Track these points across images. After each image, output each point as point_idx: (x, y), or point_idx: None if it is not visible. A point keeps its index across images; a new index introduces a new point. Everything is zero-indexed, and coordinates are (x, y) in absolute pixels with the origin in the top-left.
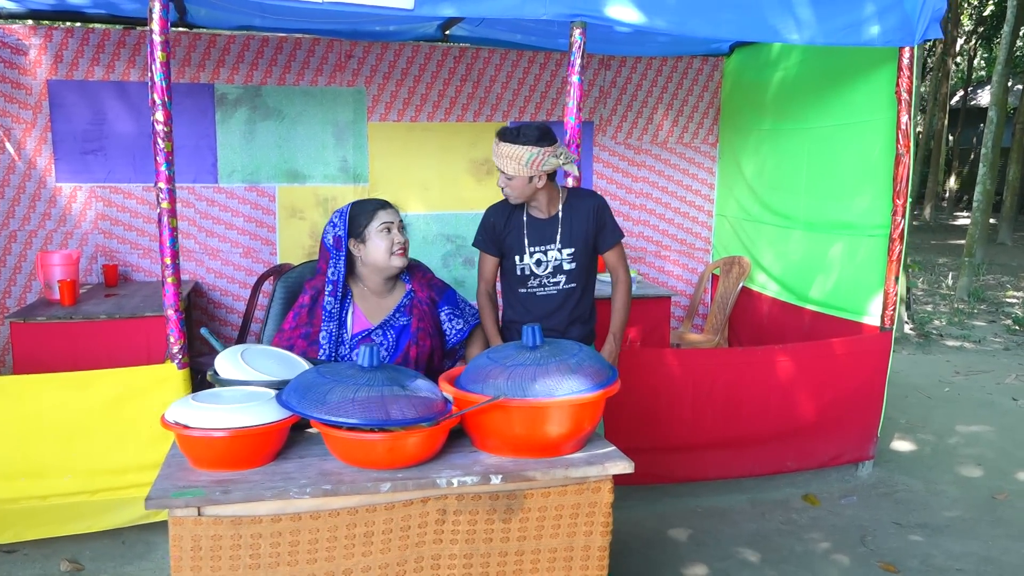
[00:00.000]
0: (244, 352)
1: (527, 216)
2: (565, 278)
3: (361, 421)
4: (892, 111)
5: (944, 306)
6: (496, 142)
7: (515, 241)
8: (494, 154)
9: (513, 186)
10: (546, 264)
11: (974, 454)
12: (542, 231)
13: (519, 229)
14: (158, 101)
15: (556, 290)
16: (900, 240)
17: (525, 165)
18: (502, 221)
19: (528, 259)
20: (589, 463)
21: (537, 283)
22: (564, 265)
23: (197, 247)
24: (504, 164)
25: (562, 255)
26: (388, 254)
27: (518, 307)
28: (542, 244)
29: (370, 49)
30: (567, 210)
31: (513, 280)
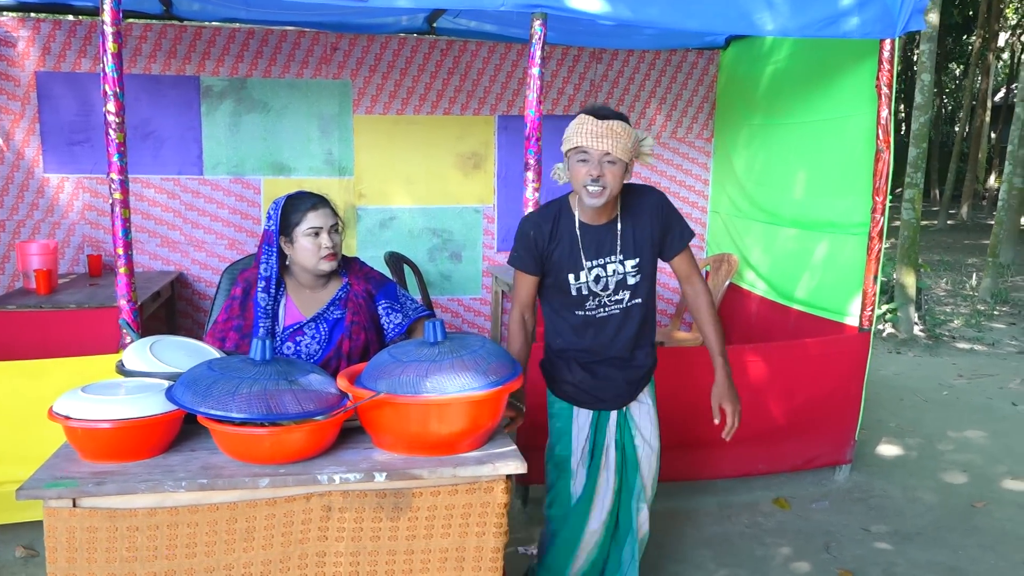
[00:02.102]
0: (154, 344)
1: (579, 224)
2: (630, 294)
3: (242, 415)
4: (873, 106)
5: (965, 307)
6: (591, 120)
7: (567, 255)
8: (586, 135)
9: (614, 174)
10: (606, 280)
11: (961, 460)
12: (599, 241)
13: (571, 240)
14: (109, 92)
15: (619, 309)
16: (879, 238)
17: (630, 147)
18: (547, 231)
19: (586, 276)
20: (480, 462)
21: (596, 303)
22: (628, 279)
23: (182, 238)
24: (609, 144)
25: (625, 267)
26: (315, 259)
27: (569, 334)
28: (600, 256)
29: (356, 42)
30: (626, 212)
31: (564, 302)
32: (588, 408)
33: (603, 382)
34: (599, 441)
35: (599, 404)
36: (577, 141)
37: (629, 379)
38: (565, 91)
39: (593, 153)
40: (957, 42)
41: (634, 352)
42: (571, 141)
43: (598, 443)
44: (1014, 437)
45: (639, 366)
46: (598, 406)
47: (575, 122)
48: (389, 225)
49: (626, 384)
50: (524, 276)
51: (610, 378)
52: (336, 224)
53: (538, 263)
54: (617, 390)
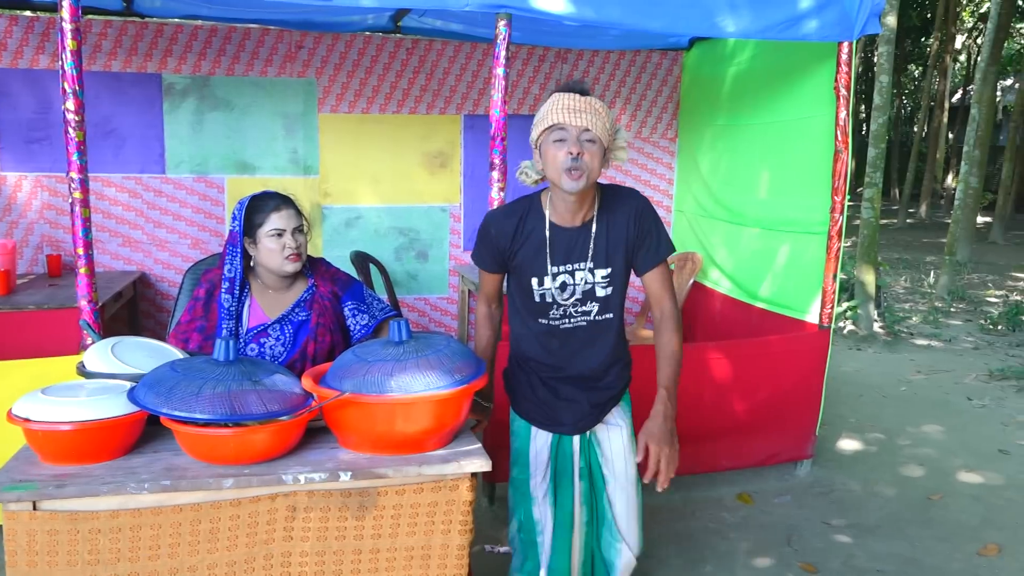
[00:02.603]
0: (115, 345)
1: (549, 224)
2: (599, 307)
3: (206, 416)
4: (833, 107)
5: (923, 304)
6: (568, 95)
7: (531, 258)
8: (563, 110)
9: (593, 155)
10: (573, 289)
11: (918, 454)
12: (569, 245)
13: (538, 242)
14: (69, 90)
15: (586, 322)
16: (838, 238)
17: (608, 128)
18: (508, 230)
19: (550, 282)
20: (445, 460)
21: (561, 313)
22: (598, 290)
23: (144, 238)
24: (589, 119)
25: (595, 277)
26: (279, 260)
27: (534, 343)
28: (569, 262)
29: (321, 40)
30: (603, 215)
31: (527, 307)
32: (546, 430)
33: (564, 403)
34: (562, 467)
35: (557, 427)
36: (553, 119)
37: (594, 401)
38: (531, 91)
39: (571, 130)
40: (915, 44)
41: (603, 372)
42: (545, 120)
43: (561, 469)
44: (969, 431)
45: (606, 387)
46: (557, 429)
47: (549, 101)
48: (355, 224)
49: (590, 407)
50: (486, 275)
51: (573, 399)
52: (301, 225)
53: (497, 261)
54: (578, 413)
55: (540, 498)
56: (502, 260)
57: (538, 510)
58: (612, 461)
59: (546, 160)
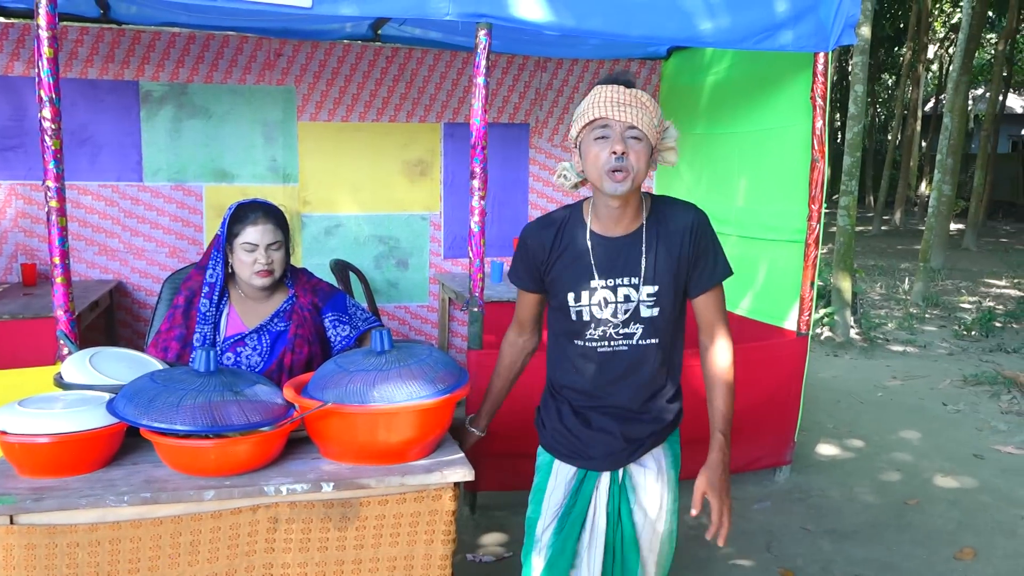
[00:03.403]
0: (94, 356)
1: (590, 233)
2: (642, 329)
3: (187, 428)
4: (809, 116)
5: (898, 311)
6: (612, 88)
7: (568, 270)
8: (606, 103)
9: (640, 155)
10: (615, 307)
11: (895, 460)
12: (613, 256)
13: (577, 252)
14: (45, 98)
15: (627, 346)
16: (815, 246)
17: (656, 126)
18: (546, 241)
19: (588, 297)
20: (428, 470)
21: (599, 334)
22: (642, 310)
23: (121, 246)
24: (634, 114)
25: (640, 294)
26: (249, 273)
27: (567, 368)
28: (611, 276)
29: (300, 48)
30: (653, 226)
31: (564, 328)
32: (570, 463)
33: (596, 434)
34: (579, 507)
35: (585, 461)
36: (595, 113)
37: (630, 435)
38: (510, 100)
39: (615, 126)
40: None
41: (645, 403)
42: (586, 115)
43: (578, 509)
44: (944, 436)
45: (649, 421)
46: (584, 463)
47: (590, 95)
48: (335, 232)
49: (624, 441)
50: (524, 295)
51: (605, 430)
52: (277, 242)
53: (534, 277)
54: (610, 447)
55: (542, 543)
56: (539, 276)
57: (537, 555)
58: (644, 506)
59: (586, 160)
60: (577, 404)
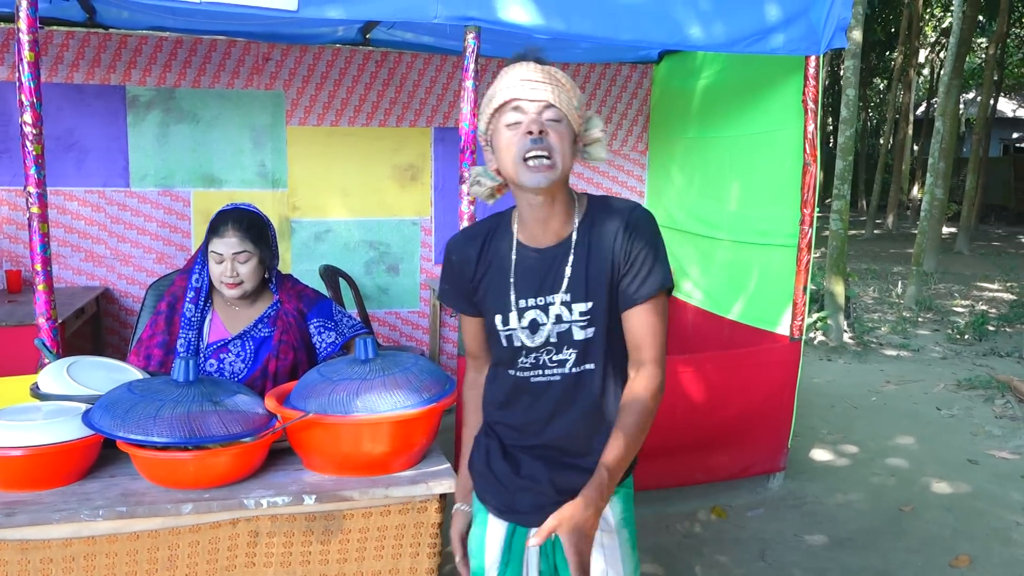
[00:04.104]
0: (71, 365)
1: (517, 245)
2: (576, 355)
3: (164, 439)
4: (801, 120)
5: (891, 315)
6: (525, 65)
7: (494, 288)
8: (517, 83)
9: (561, 137)
10: (546, 330)
11: (889, 465)
12: (542, 270)
13: (502, 267)
14: (26, 102)
15: (560, 375)
16: (808, 250)
17: (576, 108)
18: (472, 255)
19: (518, 319)
20: (413, 482)
21: (532, 361)
22: (575, 332)
23: (108, 252)
24: (551, 92)
25: (572, 313)
26: (218, 282)
27: (500, 399)
28: (540, 294)
29: (289, 52)
30: (585, 231)
31: (497, 353)
32: (500, 518)
33: (523, 482)
34: (513, 567)
35: (513, 515)
36: (504, 95)
37: (562, 485)
38: None
39: (528, 107)
40: (880, 58)
41: (585, 444)
42: (494, 99)
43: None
44: (939, 441)
45: (588, 467)
46: (512, 517)
47: (498, 77)
48: (324, 238)
49: (555, 492)
50: (464, 317)
51: (533, 478)
52: (244, 253)
53: (468, 298)
54: (538, 499)
55: None
56: (471, 294)
57: None
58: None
59: (499, 151)
60: (508, 442)
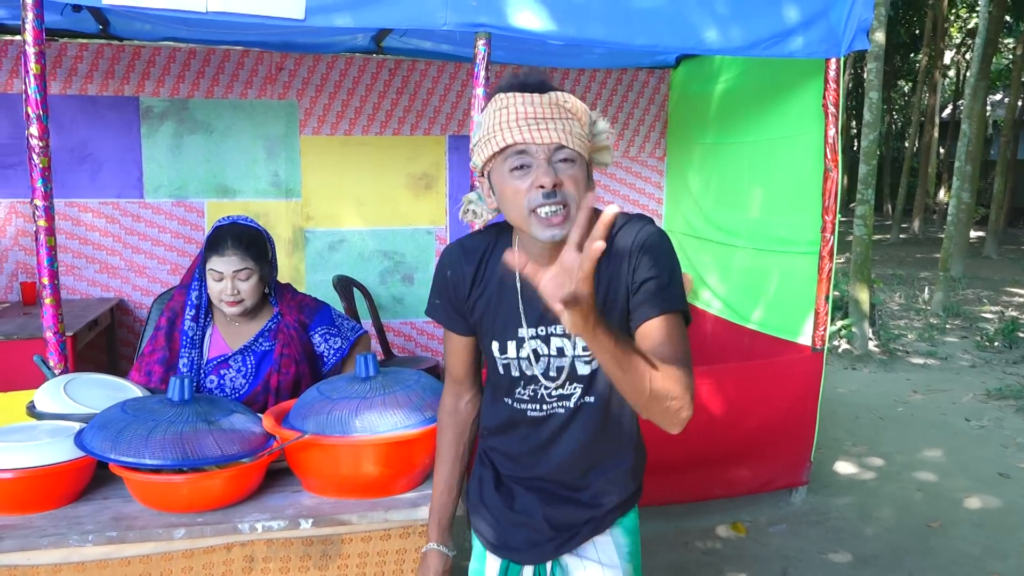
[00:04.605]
0: (69, 383)
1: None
2: (581, 390)
3: (156, 462)
4: (822, 124)
5: (918, 322)
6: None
7: (493, 312)
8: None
9: (576, 181)
10: (548, 362)
11: (917, 478)
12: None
13: (503, 290)
14: (32, 115)
15: (564, 409)
16: (830, 258)
17: (587, 134)
18: (468, 272)
19: (516, 349)
20: (414, 505)
21: (531, 394)
22: (578, 366)
23: (122, 264)
24: (560, 131)
25: (576, 347)
26: (217, 300)
27: (497, 424)
28: (544, 323)
29: (302, 61)
30: None
31: (492, 378)
32: (494, 554)
33: (517, 517)
34: None
35: (507, 552)
36: (507, 137)
37: (557, 521)
38: None
39: (536, 151)
40: (905, 60)
41: (583, 478)
42: (494, 140)
43: None
44: (968, 453)
45: (586, 503)
46: (506, 554)
47: (493, 108)
48: (339, 248)
49: (550, 528)
50: (451, 337)
51: (527, 512)
52: (246, 270)
53: (462, 316)
54: (533, 536)
55: None
56: (464, 314)
57: None
58: None
59: (503, 197)
60: (504, 471)
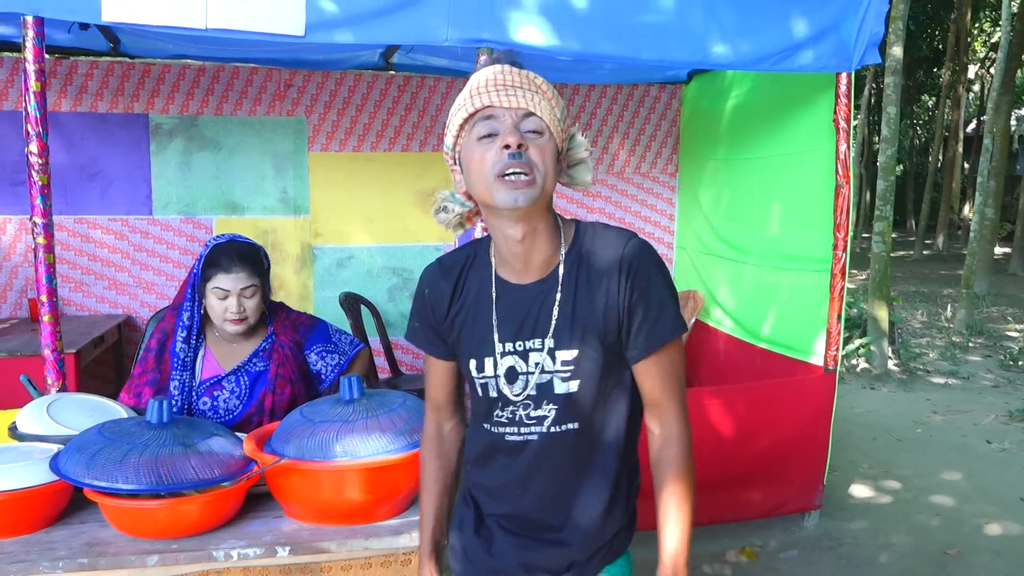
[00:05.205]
0: (53, 403)
1: (496, 279)
2: (556, 411)
3: (130, 486)
4: (833, 140)
5: (940, 340)
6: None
7: (469, 328)
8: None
9: (544, 152)
10: (525, 379)
11: (935, 503)
12: (523, 309)
13: (479, 304)
14: (32, 132)
15: (537, 434)
16: (842, 276)
17: (560, 120)
18: (446, 290)
19: (494, 366)
20: (396, 532)
21: (509, 416)
22: (556, 384)
23: (131, 280)
24: (531, 99)
25: (554, 362)
26: (220, 319)
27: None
28: (521, 336)
29: (310, 78)
30: (572, 265)
31: (473, 403)
32: None
33: (494, 562)
34: None
35: None
36: (476, 103)
37: (533, 564)
38: None
39: (504, 116)
40: (928, 74)
41: (563, 517)
42: (464, 108)
43: None
44: (988, 478)
45: (568, 543)
46: None
47: (468, 84)
48: (347, 264)
49: (524, 573)
50: (432, 362)
51: (503, 557)
52: (251, 287)
53: (441, 338)
54: None
55: None
56: (444, 333)
57: None
58: None
59: (469, 171)
60: (486, 509)
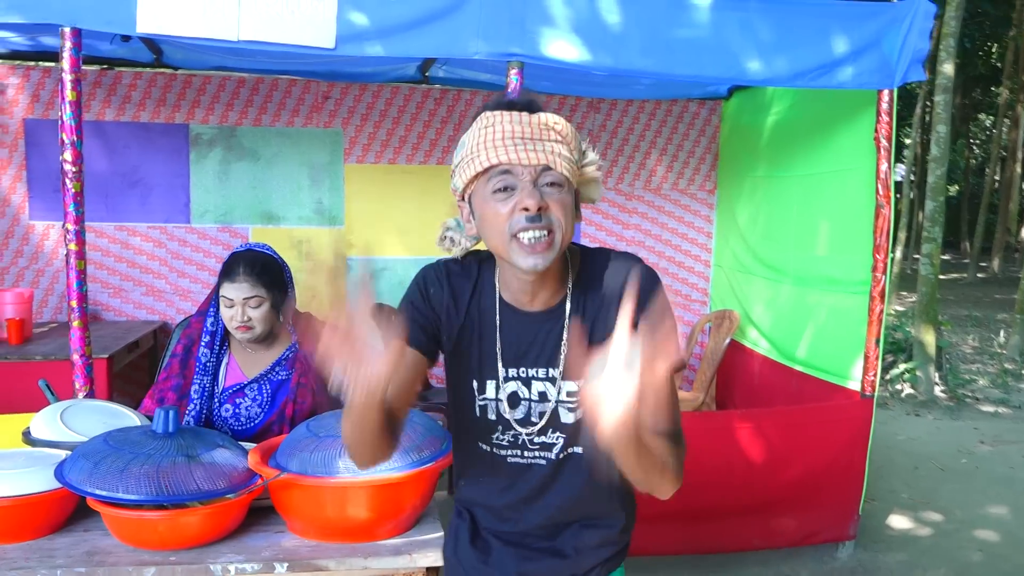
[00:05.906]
0: (67, 409)
1: (500, 304)
2: (564, 440)
3: (130, 497)
4: (874, 159)
5: (992, 366)
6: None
7: (479, 348)
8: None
9: (563, 207)
10: (528, 407)
11: (977, 538)
12: (528, 338)
13: (485, 328)
14: (67, 140)
15: (546, 461)
16: (881, 298)
17: (576, 159)
18: (466, 294)
19: (496, 390)
20: (396, 552)
21: (511, 439)
22: (561, 414)
23: (168, 287)
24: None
25: (559, 392)
26: (230, 326)
27: (473, 474)
28: (524, 364)
29: (347, 90)
30: (580, 295)
31: (464, 421)
32: None
33: (492, 572)
34: None
35: None
36: (490, 157)
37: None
38: None
39: (521, 172)
40: (985, 93)
41: (562, 533)
42: (477, 160)
43: None
44: None
45: (567, 556)
46: None
47: (478, 125)
48: (380, 276)
49: None
50: None
51: (502, 568)
52: (256, 297)
53: (427, 334)
54: None
55: None
56: (430, 333)
57: None
58: None
59: (483, 222)
60: (483, 523)
